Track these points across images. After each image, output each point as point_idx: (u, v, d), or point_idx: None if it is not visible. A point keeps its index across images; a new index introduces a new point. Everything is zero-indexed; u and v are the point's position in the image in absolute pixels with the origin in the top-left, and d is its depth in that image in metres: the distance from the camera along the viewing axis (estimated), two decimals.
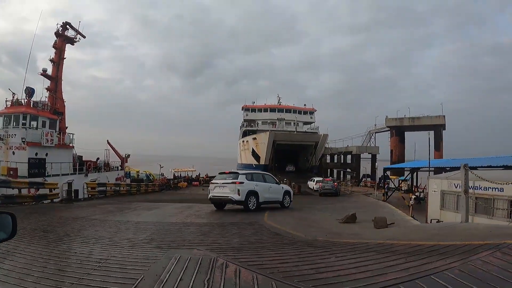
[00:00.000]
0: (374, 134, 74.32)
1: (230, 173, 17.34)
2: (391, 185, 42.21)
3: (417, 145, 55.63)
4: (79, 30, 33.34)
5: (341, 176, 70.39)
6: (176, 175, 51.53)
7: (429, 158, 26.80)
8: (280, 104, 76.31)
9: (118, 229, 10.73)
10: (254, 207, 16.15)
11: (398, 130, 61.86)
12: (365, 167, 68.27)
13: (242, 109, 76.05)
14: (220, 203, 16.91)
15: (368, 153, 71.65)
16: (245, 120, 74.84)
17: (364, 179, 60.72)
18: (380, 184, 48.95)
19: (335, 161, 79.67)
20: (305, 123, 75.99)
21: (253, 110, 74.98)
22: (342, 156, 77.05)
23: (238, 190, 15.63)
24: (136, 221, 12.82)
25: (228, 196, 15.93)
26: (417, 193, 33.93)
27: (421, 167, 35.70)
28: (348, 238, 9.68)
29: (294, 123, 71.74)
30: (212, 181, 17.68)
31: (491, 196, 18.70)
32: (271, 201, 17.78)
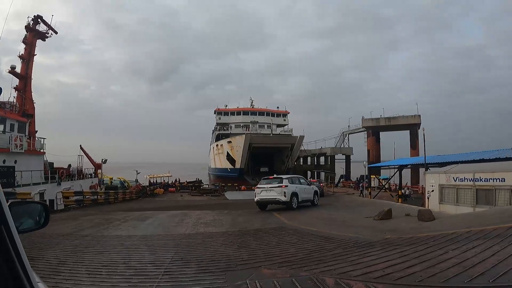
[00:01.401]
0: (347, 135, 74.36)
1: (274, 178, 19.53)
2: (373, 184, 42.14)
3: (393, 145, 55.97)
4: (51, 25, 30.25)
5: (315, 177, 69.72)
6: (152, 181, 48.50)
7: (425, 155, 25.95)
8: (253, 107, 74.72)
9: (126, 248, 8.63)
10: (295, 206, 18.05)
11: (374, 130, 61.87)
12: (342, 168, 68.01)
13: (215, 113, 73.68)
14: (264, 205, 18.78)
15: (342, 154, 71.66)
16: (217, 124, 72.42)
17: (342, 179, 60.31)
18: (360, 185, 49.19)
19: (309, 162, 79.15)
20: (278, 125, 74.78)
21: (226, 113, 72.82)
22: (315, 157, 76.63)
23: (284, 192, 17.59)
24: (140, 235, 10.83)
25: (276, 198, 17.88)
26: (402, 191, 33.67)
27: (409, 164, 35.38)
28: (418, 232, 9.01)
29: (268, 126, 70.39)
30: (257, 186, 19.44)
31: (492, 186, 18.90)
32: (305, 200, 19.63)
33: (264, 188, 18.50)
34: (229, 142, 59.82)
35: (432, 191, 20.90)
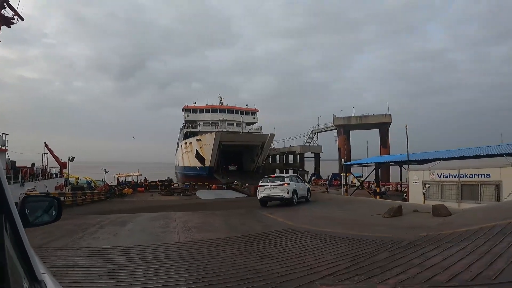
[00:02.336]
0: (317, 134, 74.46)
1: (276, 177, 21.22)
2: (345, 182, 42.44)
3: (363, 143, 56.49)
4: (17, 10, 27.62)
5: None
6: (121, 180, 45.90)
7: (407, 152, 25.63)
8: (222, 105, 73.02)
9: (117, 266, 6.80)
10: (295, 202, 19.51)
11: (345, 129, 62.16)
12: (312, 166, 68.00)
13: (183, 110, 71.31)
14: (266, 201, 19.87)
15: (311, 153, 71.69)
16: (186, 121, 70.14)
17: (313, 177, 60.16)
18: (330, 182, 49.45)
19: (278, 161, 78.70)
20: (248, 123, 73.65)
21: (195, 111, 70.60)
22: (284, 156, 76.27)
23: (287, 190, 18.99)
24: (127, 246, 9.04)
25: (279, 195, 19.17)
26: (376, 188, 33.76)
27: (386, 161, 35.42)
28: (454, 227, 8.49)
29: (237, 124, 69.29)
30: (260, 184, 20.63)
31: (477, 182, 19.19)
32: (301, 197, 20.93)
33: (268, 186, 19.82)
34: (199, 140, 58.17)
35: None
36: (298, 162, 72.48)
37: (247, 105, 76.47)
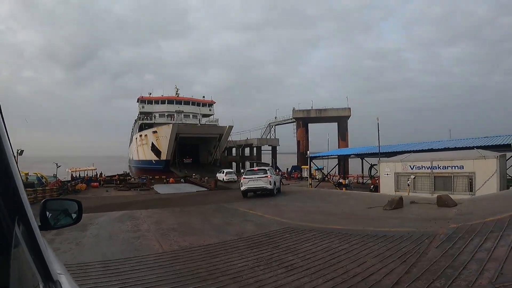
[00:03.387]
0: (274, 127, 74.26)
1: (258, 170, 22.94)
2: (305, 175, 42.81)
3: (321, 136, 57.00)
4: None
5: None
6: (74, 175, 42.55)
7: (379, 144, 25.64)
8: (178, 96, 70.45)
9: None
10: (275, 193, 21.07)
11: (304, 122, 62.24)
12: (273, 159, 67.79)
13: (138, 101, 67.68)
14: (247, 192, 21.21)
15: (269, 145, 71.46)
16: (141, 113, 66.73)
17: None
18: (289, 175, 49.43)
19: (234, 154, 77.77)
20: (204, 115, 71.56)
21: (150, 102, 67.24)
22: (241, 149, 75.52)
23: (270, 181, 20.70)
24: (97, 261, 6.92)
25: (263, 186, 20.72)
26: (340, 180, 33.79)
27: (353, 154, 35.61)
28: (480, 218, 7.85)
29: (193, 116, 67.20)
30: (244, 177, 21.94)
31: (450, 174, 19.51)
32: (277, 188, 22.23)
33: (252, 178, 21.16)
34: (155, 132, 55.80)
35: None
36: (255, 154, 72.08)
37: (203, 97, 74.45)
